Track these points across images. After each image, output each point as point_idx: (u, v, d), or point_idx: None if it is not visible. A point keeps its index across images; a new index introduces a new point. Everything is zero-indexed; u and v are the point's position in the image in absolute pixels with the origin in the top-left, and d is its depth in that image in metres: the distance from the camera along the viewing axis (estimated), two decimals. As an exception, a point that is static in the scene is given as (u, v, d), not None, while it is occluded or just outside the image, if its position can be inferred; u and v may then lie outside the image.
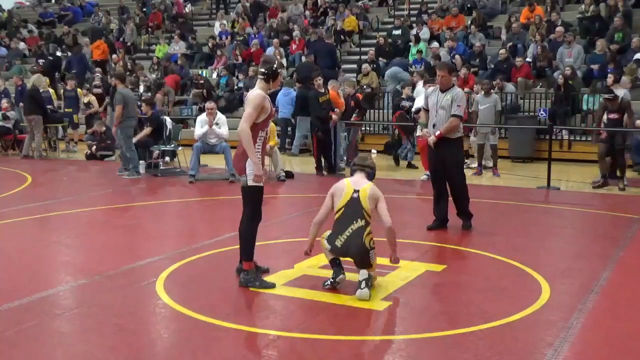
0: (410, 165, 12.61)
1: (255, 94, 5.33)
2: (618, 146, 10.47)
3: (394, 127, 13.39)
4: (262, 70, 5.42)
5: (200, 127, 11.25)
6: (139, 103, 14.21)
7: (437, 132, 7.33)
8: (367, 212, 5.28)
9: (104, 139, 14.36)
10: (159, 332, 4.59)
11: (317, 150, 12.08)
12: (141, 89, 16.81)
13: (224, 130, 11.27)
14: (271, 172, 11.42)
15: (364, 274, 5.15)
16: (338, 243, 5.27)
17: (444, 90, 7.42)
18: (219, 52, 19.65)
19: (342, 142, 12.83)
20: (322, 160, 12.03)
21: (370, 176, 5.56)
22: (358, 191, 5.31)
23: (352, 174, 5.57)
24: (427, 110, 7.66)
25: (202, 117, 11.38)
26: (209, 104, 11.44)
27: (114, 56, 20.78)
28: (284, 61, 17.88)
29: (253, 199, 5.41)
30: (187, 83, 18.96)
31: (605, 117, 10.59)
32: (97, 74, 18.40)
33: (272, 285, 5.30)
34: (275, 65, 5.44)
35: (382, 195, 5.43)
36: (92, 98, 16.07)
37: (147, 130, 12.29)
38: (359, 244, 5.20)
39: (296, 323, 4.69)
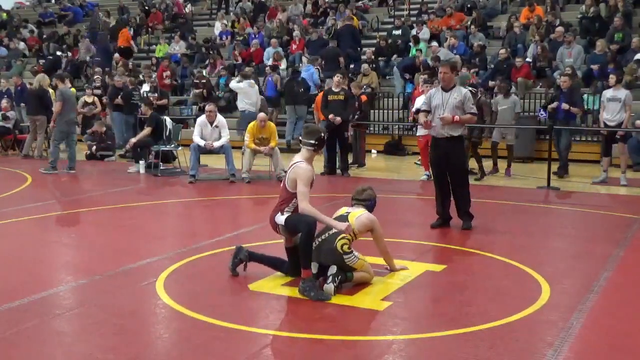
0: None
1: (305, 168, 5.31)
2: (474, 139, 11.13)
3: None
4: (311, 141, 5.39)
5: (199, 130, 11.19)
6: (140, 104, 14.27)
7: (457, 117, 7.22)
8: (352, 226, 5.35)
9: (104, 139, 14.37)
10: (159, 332, 4.59)
11: (327, 149, 11.99)
12: (145, 87, 16.78)
13: (222, 140, 11.20)
14: (271, 172, 11.44)
15: (332, 269, 5.19)
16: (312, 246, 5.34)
17: (447, 89, 7.37)
18: (212, 55, 19.47)
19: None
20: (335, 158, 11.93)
21: (369, 208, 5.69)
22: (349, 213, 5.54)
23: (351, 207, 5.72)
24: (427, 112, 7.55)
25: (202, 119, 11.35)
26: (209, 106, 11.40)
27: (116, 55, 20.80)
28: (283, 62, 17.87)
29: (294, 221, 5.28)
30: (184, 83, 18.99)
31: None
32: (97, 75, 18.41)
33: (328, 298, 5.02)
34: (323, 134, 5.52)
35: (377, 222, 5.56)
36: (95, 98, 16.04)
37: (146, 130, 12.29)
38: (331, 248, 5.26)
39: (296, 323, 4.69)
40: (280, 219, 5.39)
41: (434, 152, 7.58)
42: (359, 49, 18.15)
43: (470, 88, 10.87)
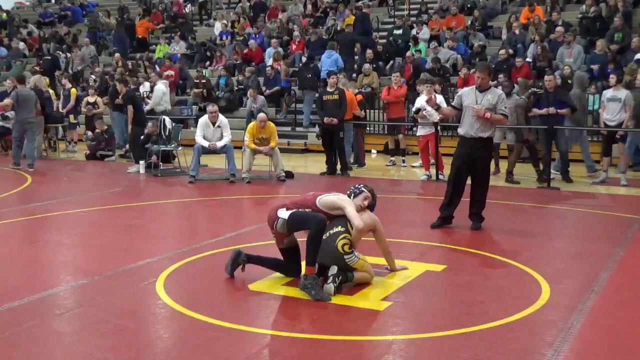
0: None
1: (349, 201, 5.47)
2: (523, 142, 10.92)
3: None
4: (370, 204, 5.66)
5: (201, 131, 11.20)
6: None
7: (488, 114, 7.23)
8: (351, 225, 5.36)
9: (104, 139, 14.36)
10: (159, 332, 4.59)
11: (325, 149, 12.02)
12: (146, 86, 16.75)
13: (225, 140, 11.21)
14: (271, 172, 11.45)
15: (333, 269, 5.19)
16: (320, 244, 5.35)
17: (482, 90, 7.41)
18: (218, 53, 19.68)
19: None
20: (333, 159, 11.93)
21: (370, 208, 5.70)
22: None
23: None
24: (457, 109, 7.60)
25: (204, 119, 11.34)
26: (212, 107, 11.39)
27: (117, 55, 20.79)
28: (282, 62, 17.87)
29: (302, 217, 5.28)
30: (184, 83, 18.97)
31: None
32: (92, 76, 18.38)
33: (328, 298, 5.02)
34: (373, 198, 5.68)
35: (379, 222, 5.56)
36: (98, 98, 16.02)
37: (129, 112, 12.34)
38: (331, 248, 5.26)
39: (296, 323, 4.69)
40: (284, 213, 5.32)
41: (460, 150, 7.55)
42: (370, 35, 18.54)
43: (535, 89, 10.77)
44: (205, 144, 11.08)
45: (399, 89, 13.12)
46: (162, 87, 15.33)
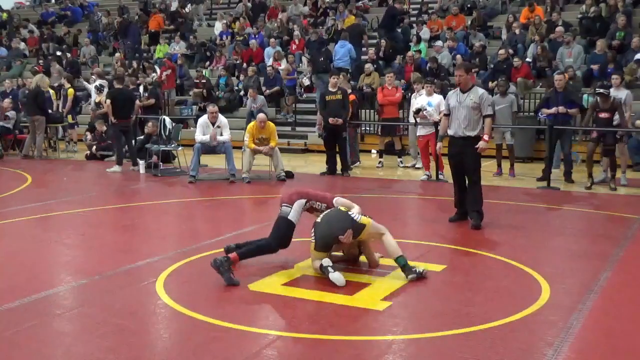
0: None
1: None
2: (608, 146, 10.42)
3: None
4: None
5: (201, 131, 11.21)
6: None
7: (486, 137, 7.50)
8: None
9: (104, 139, 14.36)
10: (159, 332, 4.59)
11: (327, 149, 12.02)
12: (141, 89, 16.73)
13: (225, 136, 11.23)
14: (271, 172, 11.45)
15: (326, 261, 5.46)
16: (318, 219, 5.65)
17: (465, 90, 7.52)
18: (218, 53, 19.71)
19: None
20: (334, 158, 11.94)
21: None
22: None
23: None
24: (448, 116, 7.71)
25: (203, 119, 11.35)
26: (212, 107, 11.40)
27: (117, 54, 20.75)
28: (283, 61, 17.87)
29: (283, 225, 5.74)
30: (184, 83, 18.97)
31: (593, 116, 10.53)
32: (93, 76, 18.38)
33: (238, 283, 5.34)
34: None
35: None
36: (103, 99, 15.96)
37: (107, 106, 12.64)
38: (336, 212, 5.63)
39: (296, 323, 4.69)
40: (294, 214, 5.78)
41: (451, 150, 7.74)
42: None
43: (601, 90, 10.53)
44: (206, 138, 11.08)
45: (393, 91, 13.08)
46: (91, 87, 15.41)
